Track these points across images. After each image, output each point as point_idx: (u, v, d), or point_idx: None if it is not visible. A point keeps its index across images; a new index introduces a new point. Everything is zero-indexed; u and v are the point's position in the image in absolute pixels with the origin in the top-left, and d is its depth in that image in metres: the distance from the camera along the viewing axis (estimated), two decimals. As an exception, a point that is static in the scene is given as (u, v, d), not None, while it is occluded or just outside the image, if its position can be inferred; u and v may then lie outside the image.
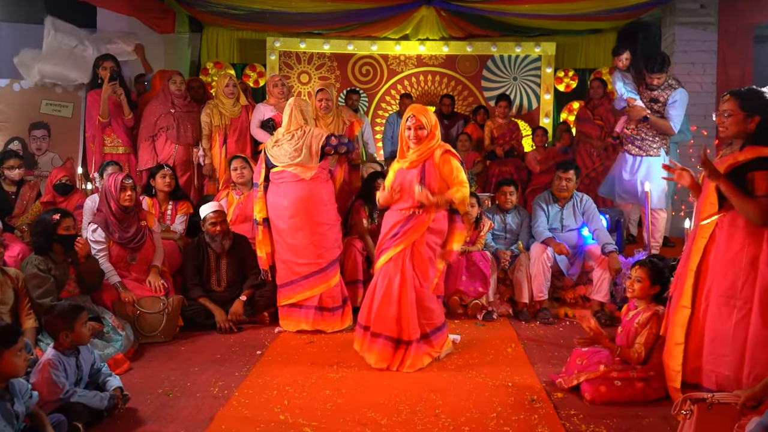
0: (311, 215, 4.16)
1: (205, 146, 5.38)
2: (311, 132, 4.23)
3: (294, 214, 4.15)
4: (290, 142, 4.19)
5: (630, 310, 3.30)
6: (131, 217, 4.10)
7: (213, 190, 5.36)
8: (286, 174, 4.19)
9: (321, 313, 4.19)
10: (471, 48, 8.13)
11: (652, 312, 3.10)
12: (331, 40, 8.07)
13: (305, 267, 4.17)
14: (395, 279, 3.49)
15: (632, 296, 3.24)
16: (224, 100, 5.40)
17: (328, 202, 4.26)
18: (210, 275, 4.39)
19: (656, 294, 3.21)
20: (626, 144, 5.29)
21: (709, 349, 2.77)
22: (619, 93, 5.26)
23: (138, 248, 4.08)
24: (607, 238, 4.59)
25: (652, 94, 5.14)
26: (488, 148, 6.73)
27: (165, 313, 3.95)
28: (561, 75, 8.19)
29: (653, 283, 3.17)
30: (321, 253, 4.18)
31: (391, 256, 3.53)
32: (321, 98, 4.94)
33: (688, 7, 6.82)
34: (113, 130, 5.28)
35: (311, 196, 4.16)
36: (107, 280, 3.94)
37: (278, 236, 4.24)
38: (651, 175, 5.09)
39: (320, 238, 4.18)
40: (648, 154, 5.21)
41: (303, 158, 4.16)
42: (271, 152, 4.25)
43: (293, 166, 4.17)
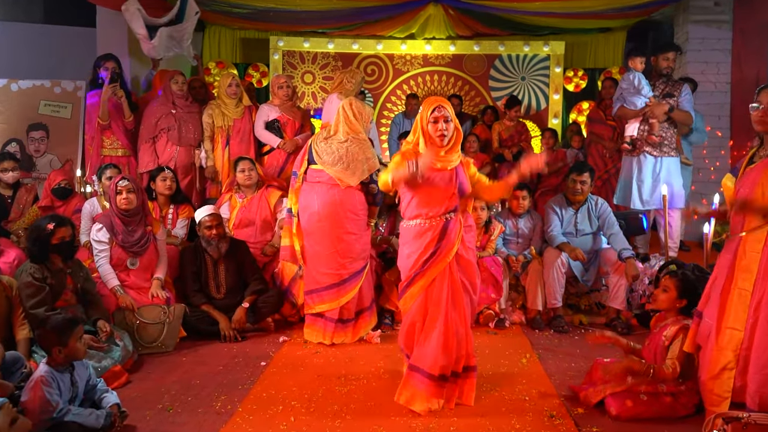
0: (340, 222, 3.88)
1: (208, 148, 5.23)
2: (367, 154, 3.88)
3: (322, 219, 3.88)
4: (342, 145, 3.86)
5: (659, 322, 3.12)
6: (137, 220, 3.95)
7: (215, 193, 5.21)
8: (323, 175, 3.89)
9: (343, 326, 3.99)
10: (478, 47, 7.98)
11: (681, 326, 2.93)
12: (336, 40, 7.92)
13: (327, 277, 3.94)
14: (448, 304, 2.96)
15: (655, 306, 3.06)
16: (227, 100, 5.25)
17: (359, 211, 3.94)
18: (208, 281, 4.24)
19: (682, 308, 3.02)
20: (645, 147, 5.15)
21: (757, 368, 2.59)
22: (644, 92, 5.11)
23: (140, 253, 3.92)
24: (623, 243, 4.43)
25: (665, 89, 5.12)
26: (496, 151, 6.57)
27: (166, 322, 3.80)
28: (570, 75, 8.03)
29: (681, 295, 2.99)
30: (344, 264, 3.92)
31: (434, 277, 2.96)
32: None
33: (701, 5, 6.68)
34: (113, 132, 5.13)
35: (343, 203, 3.87)
36: (105, 283, 3.80)
37: (305, 240, 4.03)
38: (671, 176, 5.02)
39: (346, 247, 3.91)
40: (668, 155, 5.14)
41: (348, 171, 3.86)
42: (317, 147, 3.91)
43: (335, 171, 3.86)
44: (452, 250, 2.98)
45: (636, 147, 5.18)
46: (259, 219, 4.73)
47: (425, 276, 2.97)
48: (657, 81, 5.21)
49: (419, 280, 2.98)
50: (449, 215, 2.98)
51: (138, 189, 3.97)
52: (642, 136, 5.15)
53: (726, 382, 2.68)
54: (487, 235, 4.55)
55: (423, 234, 2.97)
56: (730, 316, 2.69)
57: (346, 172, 3.85)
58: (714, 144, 6.69)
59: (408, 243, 3.04)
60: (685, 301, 3.00)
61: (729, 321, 2.68)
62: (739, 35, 6.63)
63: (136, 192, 3.94)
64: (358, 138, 3.91)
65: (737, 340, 2.66)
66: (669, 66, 5.16)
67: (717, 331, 2.71)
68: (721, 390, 2.70)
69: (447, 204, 2.97)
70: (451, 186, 2.99)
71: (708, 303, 2.82)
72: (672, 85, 5.19)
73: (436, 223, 2.97)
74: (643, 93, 5.10)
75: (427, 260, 2.96)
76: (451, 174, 3.00)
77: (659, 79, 5.21)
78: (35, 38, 6.73)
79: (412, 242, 3.00)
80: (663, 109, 5.05)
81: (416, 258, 2.97)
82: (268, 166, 5.27)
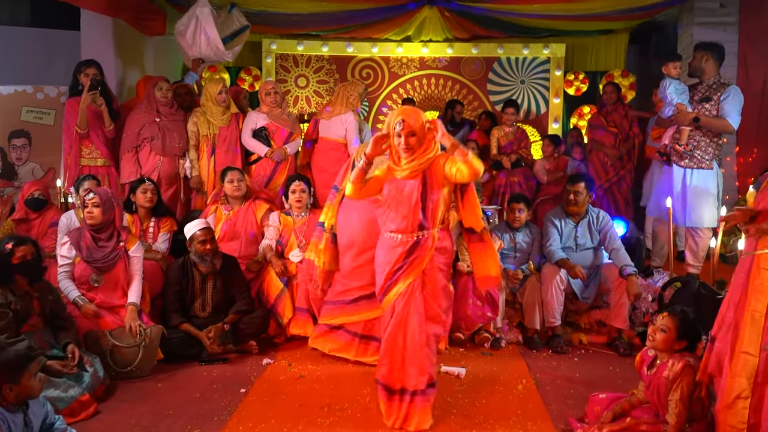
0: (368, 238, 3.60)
1: (193, 157, 5.01)
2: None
3: (361, 235, 3.68)
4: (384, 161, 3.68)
5: (645, 362, 2.89)
6: (106, 236, 3.75)
7: (201, 205, 5.00)
8: None
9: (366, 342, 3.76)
10: (476, 50, 7.77)
11: (684, 363, 2.67)
12: (330, 42, 7.71)
13: (356, 290, 3.74)
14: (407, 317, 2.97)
15: (652, 346, 2.82)
16: (214, 108, 5.04)
17: None
18: (194, 299, 4.03)
19: (680, 350, 2.78)
20: (673, 156, 4.88)
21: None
22: (668, 99, 4.81)
23: (105, 269, 3.71)
24: (625, 259, 4.21)
25: (705, 93, 4.75)
26: (494, 158, 6.36)
27: (142, 345, 3.59)
28: (571, 78, 7.81)
29: (680, 337, 2.75)
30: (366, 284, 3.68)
31: (399, 290, 2.99)
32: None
33: (707, 7, 6.45)
34: (92, 141, 4.91)
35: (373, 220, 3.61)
36: (67, 297, 3.61)
37: (341, 256, 3.82)
38: (700, 190, 4.70)
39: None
40: (700, 167, 4.78)
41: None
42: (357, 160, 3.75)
43: None
44: (419, 268, 2.98)
45: (669, 158, 4.90)
46: (244, 233, 4.53)
47: (393, 289, 3.01)
48: (698, 85, 4.88)
49: (389, 291, 3.02)
50: (421, 233, 2.98)
51: (107, 203, 3.75)
52: (672, 144, 4.88)
53: (740, 413, 2.47)
54: (483, 250, 4.32)
55: (394, 248, 3.02)
56: (744, 339, 2.48)
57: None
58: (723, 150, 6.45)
59: (382, 252, 3.11)
60: (685, 343, 2.75)
61: (743, 345, 2.48)
62: (745, 38, 6.40)
63: (103, 206, 3.72)
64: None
65: (752, 366, 2.46)
66: (677, 75, 4.86)
67: (730, 357, 2.51)
68: (735, 421, 2.48)
69: (412, 219, 2.97)
70: (413, 195, 2.96)
71: (721, 326, 2.61)
72: (714, 87, 4.79)
73: (406, 239, 2.99)
74: (667, 101, 4.82)
75: (395, 272, 3.00)
76: (416, 182, 2.96)
77: (701, 84, 4.87)
78: (20, 42, 6.53)
79: (385, 253, 3.07)
80: (688, 117, 4.71)
81: (389, 269, 3.03)
82: (255, 175, 5.07)
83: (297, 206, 4.45)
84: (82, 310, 3.60)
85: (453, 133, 7.01)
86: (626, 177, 5.95)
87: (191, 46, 5.65)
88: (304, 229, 4.44)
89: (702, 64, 4.85)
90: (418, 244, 2.98)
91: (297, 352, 4.02)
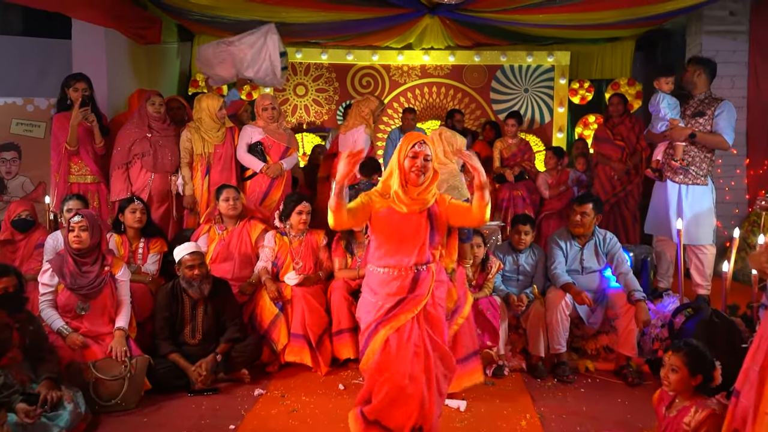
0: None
1: (186, 175, 4.83)
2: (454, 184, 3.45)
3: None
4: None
5: (663, 402, 2.71)
6: (91, 260, 3.59)
7: (193, 224, 4.83)
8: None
9: None
10: (479, 58, 7.60)
11: (709, 413, 2.50)
12: (329, 50, 7.55)
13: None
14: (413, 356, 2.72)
15: (669, 390, 2.65)
16: (210, 123, 4.86)
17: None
18: (184, 325, 3.87)
19: (698, 385, 2.61)
20: (667, 172, 4.76)
21: None
22: (662, 114, 4.71)
23: (91, 296, 3.55)
24: (633, 284, 4.03)
25: (697, 108, 4.65)
26: (497, 171, 6.18)
27: (127, 377, 3.43)
28: (576, 86, 7.63)
29: (693, 372, 2.58)
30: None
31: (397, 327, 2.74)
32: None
33: (716, 15, 6.28)
34: (81, 157, 4.74)
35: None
36: (50, 327, 3.45)
37: None
38: (697, 207, 4.60)
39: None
40: (695, 183, 4.69)
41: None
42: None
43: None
44: (421, 303, 2.75)
45: (662, 174, 4.78)
46: (238, 254, 4.37)
47: (388, 325, 2.73)
48: (690, 99, 4.79)
49: (381, 329, 2.74)
50: (421, 267, 2.78)
51: (94, 226, 3.59)
52: (666, 160, 4.75)
53: None
54: (485, 273, 4.16)
55: (389, 282, 2.78)
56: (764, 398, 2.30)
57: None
58: (729, 162, 6.28)
59: (372, 289, 2.83)
60: (701, 377, 2.58)
61: (767, 405, 2.30)
62: (756, 47, 6.23)
63: (91, 230, 3.56)
64: (448, 169, 3.52)
65: None
66: (669, 90, 4.76)
67: (754, 417, 2.32)
68: None
69: (418, 255, 2.76)
70: (421, 233, 2.77)
71: (745, 381, 2.43)
72: (707, 102, 4.72)
73: (405, 273, 2.77)
74: (660, 116, 4.70)
75: (391, 308, 2.75)
76: (422, 218, 2.78)
77: (693, 98, 4.78)
78: (11, 51, 6.37)
79: (378, 288, 2.80)
80: (683, 133, 4.62)
81: (380, 305, 2.77)
82: (250, 192, 4.90)
83: (300, 228, 4.29)
84: (68, 341, 3.44)
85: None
86: (633, 192, 5.77)
87: (248, 68, 5.59)
88: (301, 250, 4.28)
89: (694, 78, 4.79)
90: (418, 277, 2.78)
91: (291, 382, 3.85)
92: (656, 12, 5.82)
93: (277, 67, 5.60)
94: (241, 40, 5.63)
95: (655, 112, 4.83)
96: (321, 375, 3.94)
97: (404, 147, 2.77)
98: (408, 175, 2.75)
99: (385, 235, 2.79)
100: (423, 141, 2.76)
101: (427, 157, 2.75)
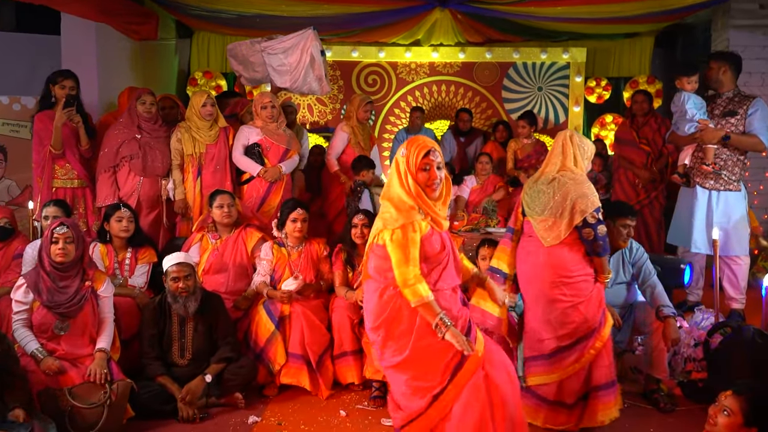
0: (548, 288, 3.13)
1: (177, 178, 4.51)
2: (582, 191, 3.08)
3: (531, 282, 3.20)
4: (548, 187, 3.15)
5: None
6: (72, 275, 3.27)
7: (186, 231, 4.51)
8: (532, 227, 3.21)
9: (560, 409, 3.13)
10: (490, 54, 7.26)
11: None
12: (334, 47, 7.21)
13: (545, 344, 3.15)
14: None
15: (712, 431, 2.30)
16: (199, 123, 4.54)
17: (573, 272, 3.12)
18: (172, 344, 3.54)
19: None
20: (697, 177, 4.40)
21: None
22: (689, 115, 4.34)
23: (70, 315, 3.22)
24: (662, 298, 3.66)
25: (727, 107, 4.30)
26: (511, 173, 5.84)
27: (106, 405, 3.10)
28: (592, 84, 7.27)
29: (749, 423, 2.21)
30: (561, 336, 3.11)
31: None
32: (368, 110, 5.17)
33: (745, 8, 5.91)
34: (67, 160, 4.42)
35: (546, 264, 3.13)
36: (24, 349, 3.13)
37: (525, 296, 3.29)
38: (730, 214, 4.25)
39: (560, 317, 3.11)
40: (727, 189, 4.33)
41: (556, 215, 3.10)
42: (527, 193, 3.26)
43: (541, 222, 3.14)
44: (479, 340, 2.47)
45: (689, 180, 4.43)
46: (233, 265, 4.05)
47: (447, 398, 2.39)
48: (717, 98, 4.44)
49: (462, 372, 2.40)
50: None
51: (79, 237, 3.28)
52: (695, 164, 4.39)
53: None
54: (501, 287, 3.81)
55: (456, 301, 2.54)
56: None
57: (544, 227, 3.13)
58: (757, 165, 5.91)
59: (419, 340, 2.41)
60: (755, 430, 2.23)
61: None
62: (788, 42, 5.86)
63: (76, 241, 3.25)
64: (573, 176, 3.15)
65: None
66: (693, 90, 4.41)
67: None
68: None
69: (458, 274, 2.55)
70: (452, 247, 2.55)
71: None
72: (737, 101, 4.37)
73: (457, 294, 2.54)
74: (688, 117, 4.34)
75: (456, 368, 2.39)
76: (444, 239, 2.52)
77: (720, 97, 4.43)
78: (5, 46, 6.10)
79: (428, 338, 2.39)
80: (716, 135, 4.26)
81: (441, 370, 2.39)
82: (247, 197, 4.57)
83: (296, 237, 3.97)
84: (43, 366, 3.11)
85: (464, 144, 6.51)
86: (659, 197, 5.40)
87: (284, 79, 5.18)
88: (300, 262, 3.95)
89: (719, 76, 4.44)
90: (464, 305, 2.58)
91: (289, 406, 3.52)
92: (681, 4, 5.48)
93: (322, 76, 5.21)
94: (275, 47, 5.17)
95: (679, 113, 4.47)
96: (322, 399, 3.61)
97: (413, 157, 2.44)
98: (425, 190, 2.45)
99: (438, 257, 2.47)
100: (435, 149, 2.46)
101: (440, 165, 2.47)
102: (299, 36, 5.11)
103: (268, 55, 5.16)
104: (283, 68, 5.14)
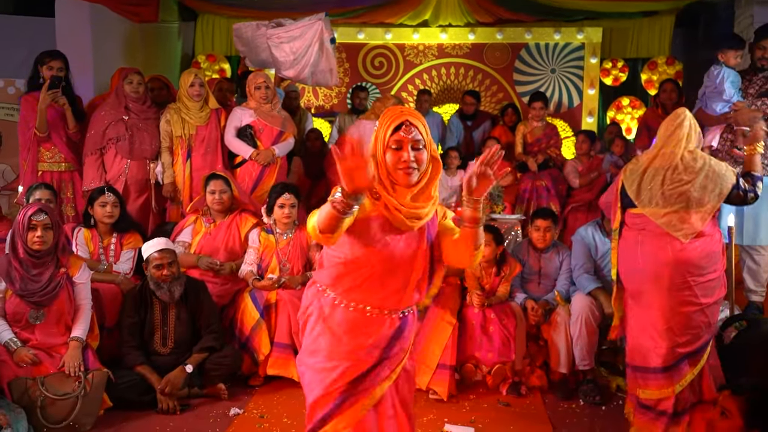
0: (675, 288, 2.74)
1: (166, 161, 4.36)
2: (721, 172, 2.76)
3: (649, 281, 2.80)
4: (672, 174, 2.76)
5: None
6: (45, 263, 3.13)
7: (176, 216, 4.37)
8: (648, 222, 2.81)
9: (677, 420, 2.74)
10: (501, 35, 6.97)
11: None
12: (339, 28, 6.97)
13: (655, 356, 2.77)
14: None
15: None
16: (188, 103, 4.38)
17: (706, 269, 2.75)
18: (154, 332, 3.41)
19: None
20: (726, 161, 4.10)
21: None
22: (726, 95, 4.00)
23: (45, 303, 3.09)
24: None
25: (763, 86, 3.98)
26: (520, 158, 5.59)
27: (80, 395, 2.98)
28: (608, 66, 6.94)
29: (749, 425, 2.00)
30: (681, 343, 2.74)
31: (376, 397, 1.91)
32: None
33: (771, -18, 5.55)
34: (54, 143, 4.29)
35: (678, 261, 2.72)
36: None
37: (631, 301, 2.93)
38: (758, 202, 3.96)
39: (683, 321, 2.74)
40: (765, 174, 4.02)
41: (688, 205, 2.74)
42: (629, 178, 2.87)
43: (668, 215, 2.76)
44: (402, 363, 1.95)
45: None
46: (224, 249, 3.91)
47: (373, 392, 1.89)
48: (753, 76, 4.10)
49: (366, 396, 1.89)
50: (407, 310, 1.94)
51: (56, 223, 3.14)
52: (724, 147, 4.09)
53: None
54: (500, 276, 3.61)
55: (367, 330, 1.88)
56: None
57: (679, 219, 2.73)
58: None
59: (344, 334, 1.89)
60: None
61: None
62: (816, 18, 5.49)
63: (54, 228, 3.12)
64: (701, 159, 2.78)
65: None
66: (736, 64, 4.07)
67: None
68: None
69: (408, 292, 1.88)
70: (418, 261, 1.87)
71: None
72: None
73: (392, 320, 1.90)
74: (725, 97, 4.00)
75: (358, 379, 1.88)
76: (419, 239, 1.87)
77: (756, 74, 4.09)
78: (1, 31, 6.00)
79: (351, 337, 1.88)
80: (754, 116, 3.83)
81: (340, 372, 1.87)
82: (240, 181, 4.40)
83: (284, 223, 3.80)
84: (16, 358, 2.99)
85: (470, 128, 6.27)
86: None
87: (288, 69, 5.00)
88: (289, 250, 3.78)
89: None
90: (404, 325, 1.94)
91: (273, 399, 3.37)
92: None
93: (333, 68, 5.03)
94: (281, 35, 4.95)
95: (713, 90, 4.09)
96: (309, 391, 3.44)
97: (382, 131, 1.81)
98: (394, 174, 1.81)
99: (362, 258, 1.84)
100: (409, 121, 1.79)
101: (418, 144, 1.80)
102: (308, 25, 4.91)
103: (273, 45, 4.97)
104: (287, 59, 4.95)
